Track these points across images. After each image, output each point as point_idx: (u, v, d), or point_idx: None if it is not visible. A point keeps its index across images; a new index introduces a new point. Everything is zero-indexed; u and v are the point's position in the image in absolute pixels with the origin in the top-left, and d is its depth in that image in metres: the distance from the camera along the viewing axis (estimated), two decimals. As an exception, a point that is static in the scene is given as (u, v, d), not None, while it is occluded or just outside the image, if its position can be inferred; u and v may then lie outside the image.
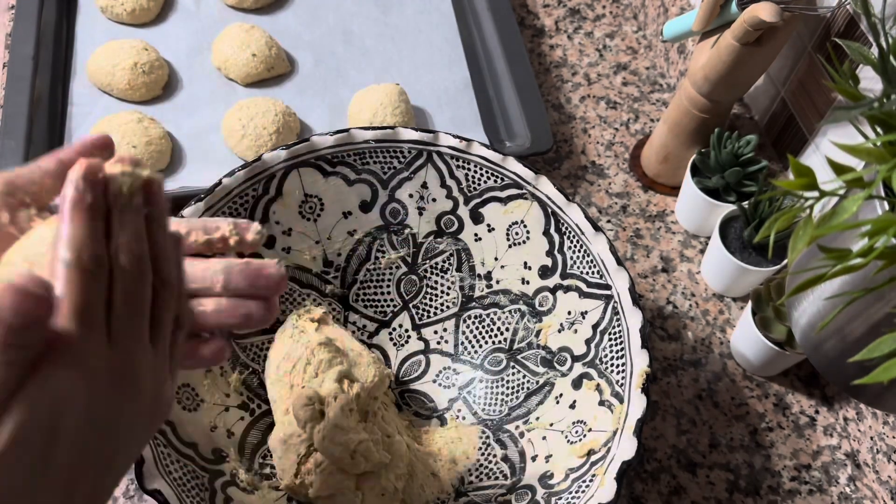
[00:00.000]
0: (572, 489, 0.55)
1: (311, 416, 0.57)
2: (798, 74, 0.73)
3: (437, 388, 0.67)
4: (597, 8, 0.98)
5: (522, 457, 0.61)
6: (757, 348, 0.68)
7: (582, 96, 0.89)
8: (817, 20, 0.68)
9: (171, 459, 0.53)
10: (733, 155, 0.72)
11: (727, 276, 0.73)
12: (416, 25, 0.91)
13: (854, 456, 0.68)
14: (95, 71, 0.81)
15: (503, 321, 0.67)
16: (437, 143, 0.66)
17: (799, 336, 0.45)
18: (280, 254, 0.66)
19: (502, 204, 0.66)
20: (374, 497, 0.57)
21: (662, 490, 0.66)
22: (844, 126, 0.66)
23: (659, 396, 0.70)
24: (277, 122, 0.78)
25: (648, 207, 0.81)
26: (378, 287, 0.69)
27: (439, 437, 0.64)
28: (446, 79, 0.87)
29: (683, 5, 0.86)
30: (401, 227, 0.68)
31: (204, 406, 0.59)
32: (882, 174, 0.31)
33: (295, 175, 0.64)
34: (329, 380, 0.58)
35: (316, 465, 0.57)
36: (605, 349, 0.60)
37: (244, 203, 0.63)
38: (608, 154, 0.85)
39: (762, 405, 0.70)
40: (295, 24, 0.90)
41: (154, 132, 0.77)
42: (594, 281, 0.61)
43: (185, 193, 0.74)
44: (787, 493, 0.66)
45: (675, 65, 0.89)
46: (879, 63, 0.38)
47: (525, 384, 0.65)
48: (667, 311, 0.75)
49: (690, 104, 0.73)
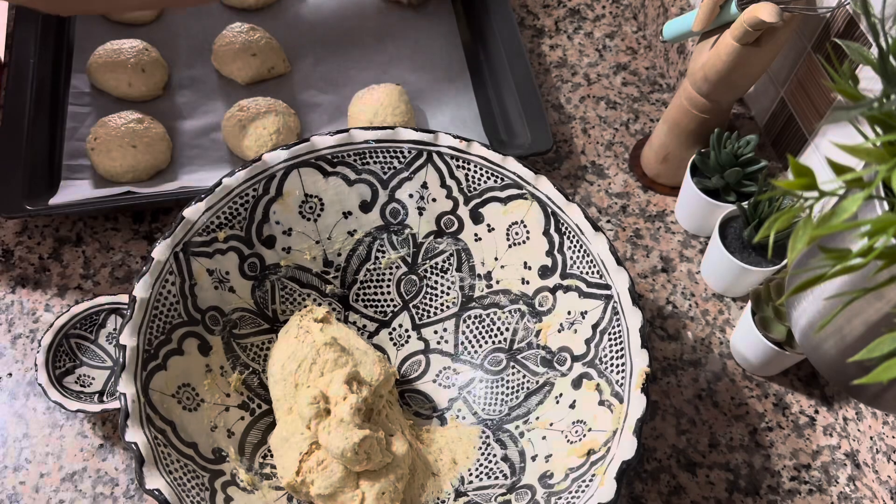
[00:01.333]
0: (572, 489, 0.55)
1: (315, 413, 0.57)
2: (798, 74, 0.73)
3: (437, 388, 0.68)
4: (597, 8, 0.98)
5: (522, 456, 0.61)
6: (757, 348, 0.68)
7: (582, 96, 0.89)
8: (817, 20, 0.68)
9: (171, 459, 0.53)
10: (733, 155, 0.72)
11: (727, 276, 0.73)
12: (416, 25, 0.91)
13: (854, 456, 0.68)
14: (96, 71, 0.81)
15: (503, 321, 0.67)
16: (437, 143, 0.66)
17: (799, 336, 0.45)
18: (280, 254, 0.66)
19: (502, 204, 0.66)
20: (375, 497, 0.57)
21: (662, 490, 0.66)
22: (844, 126, 0.66)
23: (659, 396, 0.70)
24: (278, 122, 0.78)
25: (648, 207, 0.81)
26: (378, 287, 0.69)
27: (439, 436, 0.64)
28: (446, 79, 0.87)
29: (683, 5, 0.86)
30: (401, 227, 0.68)
31: (204, 406, 0.59)
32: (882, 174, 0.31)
33: (295, 175, 0.65)
34: (337, 382, 0.58)
35: (318, 462, 0.57)
36: (604, 349, 0.60)
37: (244, 203, 0.63)
38: (608, 154, 0.85)
39: (762, 405, 0.70)
40: (295, 24, 0.90)
41: (154, 132, 0.77)
42: (594, 281, 0.62)
43: (185, 193, 0.74)
44: (787, 493, 0.66)
45: (674, 65, 0.89)
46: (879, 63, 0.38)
47: (525, 384, 0.65)
48: (667, 311, 0.75)
49: (690, 104, 0.73)
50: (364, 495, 0.57)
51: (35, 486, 0.63)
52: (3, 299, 0.71)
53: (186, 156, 0.79)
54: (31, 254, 0.74)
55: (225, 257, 0.63)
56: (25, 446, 0.64)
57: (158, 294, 0.58)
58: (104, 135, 0.76)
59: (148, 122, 0.77)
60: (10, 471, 0.63)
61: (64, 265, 0.74)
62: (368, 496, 0.57)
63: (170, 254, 0.59)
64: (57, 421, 0.66)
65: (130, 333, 0.55)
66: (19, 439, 0.65)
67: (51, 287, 0.72)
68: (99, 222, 0.76)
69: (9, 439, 0.65)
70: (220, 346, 0.62)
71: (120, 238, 0.76)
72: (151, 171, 0.76)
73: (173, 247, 0.60)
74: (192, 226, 0.61)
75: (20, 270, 0.73)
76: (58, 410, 0.66)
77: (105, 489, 0.63)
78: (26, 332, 0.70)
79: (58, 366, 0.65)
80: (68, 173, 0.76)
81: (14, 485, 0.62)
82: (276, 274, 0.66)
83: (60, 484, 0.63)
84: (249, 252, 0.64)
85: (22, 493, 0.62)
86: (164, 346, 0.58)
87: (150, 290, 0.57)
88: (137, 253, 0.75)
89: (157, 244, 0.59)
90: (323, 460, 0.57)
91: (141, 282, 0.57)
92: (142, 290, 0.57)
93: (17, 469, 0.63)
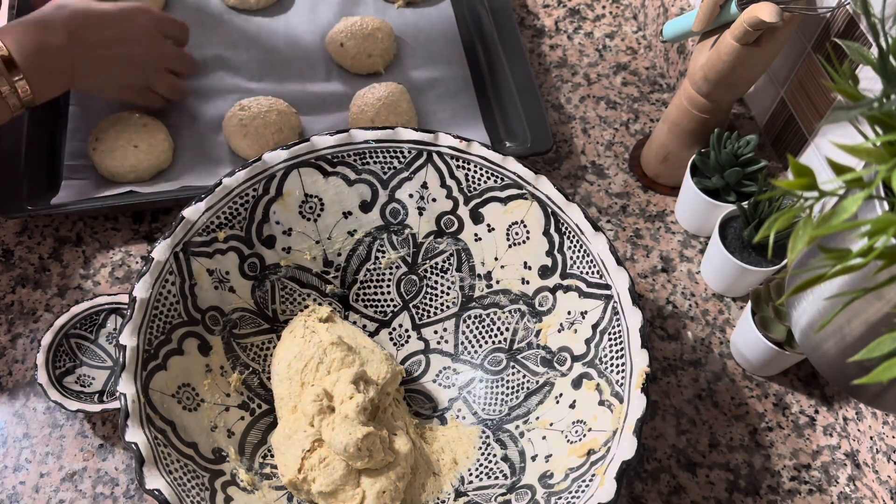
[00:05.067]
0: (572, 489, 0.55)
1: (319, 409, 0.57)
2: (798, 74, 0.73)
3: (437, 388, 0.68)
4: (597, 8, 0.98)
5: (522, 456, 0.61)
6: (757, 348, 0.68)
7: (582, 96, 0.89)
8: (817, 20, 0.68)
9: (171, 459, 0.53)
10: (733, 155, 0.72)
11: (727, 276, 0.73)
12: (416, 25, 0.91)
13: (854, 456, 0.68)
14: (96, 71, 0.81)
15: (503, 321, 0.67)
16: (437, 143, 0.66)
17: (799, 336, 0.45)
18: (280, 254, 0.66)
19: (502, 204, 0.66)
20: (375, 495, 0.57)
21: (662, 490, 0.66)
22: (844, 126, 0.66)
23: (659, 396, 0.70)
24: (278, 122, 0.78)
25: (648, 207, 0.81)
26: (378, 287, 0.69)
27: (440, 436, 0.64)
28: (447, 79, 0.87)
29: (683, 5, 0.86)
30: (401, 227, 0.68)
31: (204, 406, 0.59)
32: (882, 174, 0.31)
33: (295, 175, 0.65)
34: (344, 381, 0.58)
35: (320, 460, 0.57)
36: (604, 349, 0.60)
37: (244, 203, 0.63)
38: (608, 154, 0.85)
39: (762, 405, 0.70)
40: (296, 24, 0.90)
41: (156, 132, 0.77)
42: (594, 281, 0.62)
43: (185, 193, 0.74)
44: (787, 493, 0.66)
45: (674, 65, 0.89)
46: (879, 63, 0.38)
47: (525, 384, 0.65)
48: (667, 311, 0.75)
49: (690, 104, 0.73)
50: (365, 494, 0.57)
51: (35, 486, 0.63)
52: (3, 299, 0.72)
53: (188, 156, 0.79)
54: (31, 254, 0.74)
55: (225, 257, 0.63)
56: (25, 446, 0.64)
57: (158, 294, 0.58)
58: (106, 135, 0.76)
59: (149, 122, 0.77)
60: (10, 471, 0.63)
61: (64, 265, 0.74)
62: (369, 494, 0.57)
63: (170, 254, 0.59)
64: (57, 421, 0.66)
65: (130, 333, 0.55)
66: (19, 439, 0.65)
67: (51, 287, 0.72)
68: (99, 222, 0.76)
69: (9, 439, 0.65)
70: (220, 346, 0.62)
71: (120, 238, 0.76)
72: (153, 171, 0.76)
73: (173, 247, 0.60)
74: (192, 226, 0.61)
75: (20, 270, 0.73)
76: (58, 410, 0.66)
77: (105, 489, 0.63)
78: (26, 332, 0.70)
79: (58, 366, 0.65)
80: (70, 173, 0.76)
81: (14, 485, 0.62)
82: (276, 274, 0.66)
83: (60, 484, 0.63)
84: (249, 252, 0.64)
85: (22, 493, 0.62)
86: (164, 346, 0.58)
87: (150, 290, 0.57)
88: (137, 253, 0.75)
89: (157, 244, 0.59)
90: (325, 458, 0.57)
91: (141, 282, 0.57)
92: (142, 290, 0.57)
93: (17, 469, 0.63)
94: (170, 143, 0.78)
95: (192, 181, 0.76)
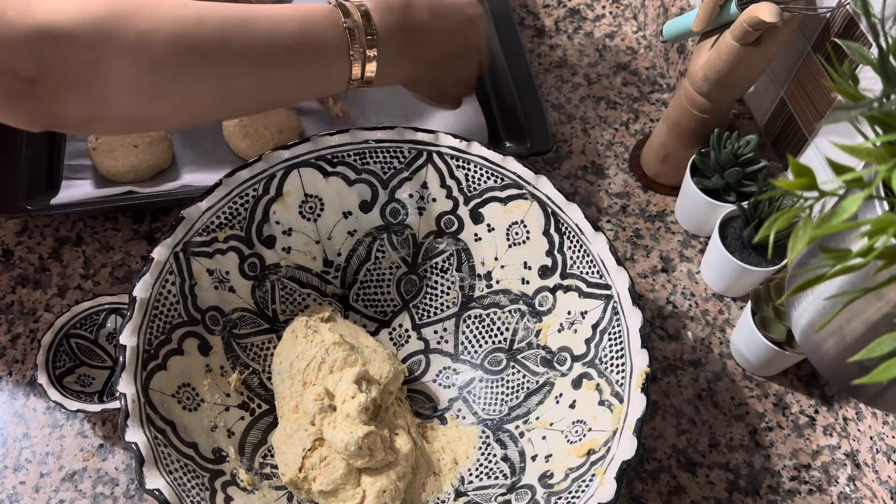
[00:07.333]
0: (572, 489, 0.55)
1: (320, 408, 0.57)
2: (798, 74, 0.73)
3: (437, 388, 0.68)
4: (597, 8, 0.98)
5: (522, 456, 0.61)
6: (757, 348, 0.68)
7: (582, 96, 0.89)
8: (817, 20, 0.68)
9: (171, 459, 0.53)
10: (733, 155, 0.72)
11: (727, 276, 0.73)
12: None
13: (854, 456, 0.68)
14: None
15: (503, 321, 0.67)
16: (437, 143, 0.66)
17: (799, 336, 0.45)
18: (280, 254, 0.66)
19: (502, 204, 0.66)
20: (376, 494, 0.57)
21: (662, 490, 0.66)
22: (844, 126, 0.66)
23: (659, 396, 0.70)
24: (279, 122, 0.78)
25: (648, 207, 0.81)
26: (378, 287, 0.69)
27: (440, 436, 0.64)
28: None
29: (683, 5, 0.86)
30: (401, 227, 0.68)
31: (204, 406, 0.59)
32: (882, 174, 0.31)
33: (295, 175, 0.65)
34: (346, 381, 0.58)
35: (321, 459, 0.57)
36: (604, 349, 0.60)
37: (244, 203, 0.63)
38: (608, 154, 0.85)
39: (762, 405, 0.70)
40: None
41: (156, 132, 0.77)
42: (594, 281, 0.62)
43: (185, 193, 0.74)
44: (787, 493, 0.66)
45: (674, 65, 0.89)
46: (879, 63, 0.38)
47: (525, 384, 0.65)
48: (667, 311, 0.75)
49: (690, 104, 0.73)
50: (365, 493, 0.57)
51: (35, 486, 0.63)
52: (3, 299, 0.72)
53: (187, 156, 0.79)
54: (31, 254, 0.74)
55: (225, 257, 0.63)
56: (25, 446, 0.64)
57: (158, 294, 0.58)
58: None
59: (148, 122, 0.77)
60: (10, 471, 0.63)
61: (64, 265, 0.74)
62: (370, 494, 0.57)
63: (170, 254, 0.59)
64: (57, 421, 0.66)
65: (130, 333, 0.55)
66: (19, 439, 0.65)
67: (51, 287, 0.72)
68: (99, 222, 0.76)
69: (9, 439, 0.65)
70: (220, 346, 0.62)
71: (120, 238, 0.76)
72: (153, 171, 0.76)
73: (173, 247, 0.60)
74: (192, 226, 0.61)
75: (20, 270, 0.73)
76: (58, 410, 0.66)
77: (105, 489, 0.63)
78: (26, 332, 0.70)
79: (58, 366, 0.65)
80: (69, 173, 0.76)
81: (14, 485, 0.62)
82: (276, 274, 0.66)
83: (60, 484, 0.63)
84: (249, 252, 0.64)
85: (22, 493, 0.62)
86: (164, 346, 0.58)
87: (150, 290, 0.57)
88: (137, 253, 0.75)
89: (158, 244, 0.59)
90: (326, 457, 0.57)
91: (141, 282, 0.57)
92: (142, 290, 0.57)
93: (17, 469, 0.63)
94: (169, 142, 0.78)
95: (192, 181, 0.76)
